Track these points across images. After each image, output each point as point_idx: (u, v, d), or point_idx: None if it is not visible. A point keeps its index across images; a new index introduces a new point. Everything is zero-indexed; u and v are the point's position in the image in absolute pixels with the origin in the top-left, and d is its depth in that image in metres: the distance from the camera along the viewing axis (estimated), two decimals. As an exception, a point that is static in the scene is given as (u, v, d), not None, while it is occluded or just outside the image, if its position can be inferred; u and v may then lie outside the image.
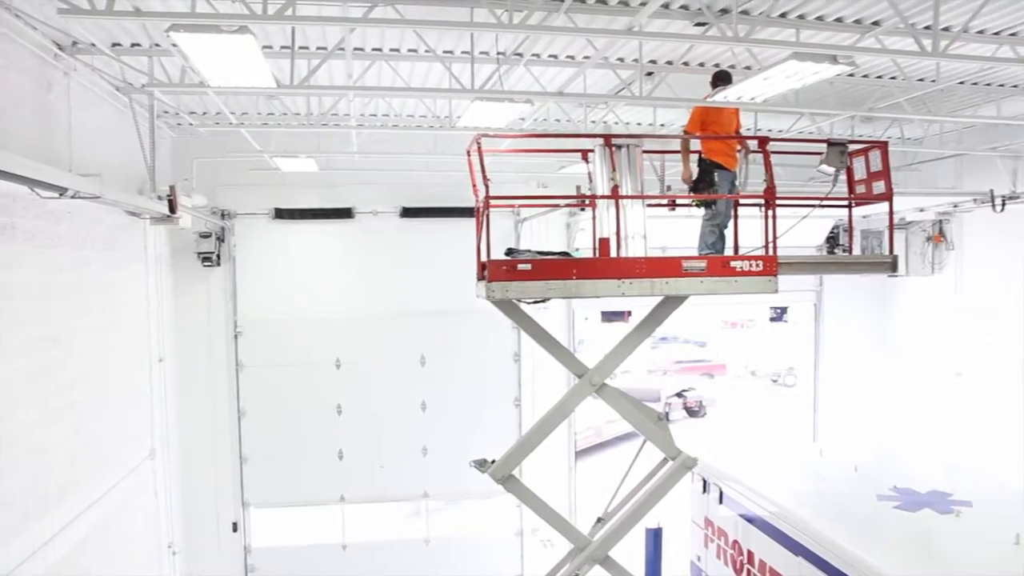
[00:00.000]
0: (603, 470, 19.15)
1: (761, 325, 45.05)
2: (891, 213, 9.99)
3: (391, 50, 10.30)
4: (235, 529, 16.24)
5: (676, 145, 10.87)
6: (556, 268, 8.88)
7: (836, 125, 14.32)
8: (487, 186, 8.86)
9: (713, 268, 9.14)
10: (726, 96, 9.15)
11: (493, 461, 9.80)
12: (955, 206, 15.06)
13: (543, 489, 15.90)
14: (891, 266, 9.94)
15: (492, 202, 8.85)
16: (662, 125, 14.37)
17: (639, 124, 14.67)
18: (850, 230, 12.00)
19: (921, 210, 15.70)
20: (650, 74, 11.22)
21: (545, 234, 15.78)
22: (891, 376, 18.40)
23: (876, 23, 9.05)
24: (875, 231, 16.56)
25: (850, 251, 13.24)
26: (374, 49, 10.25)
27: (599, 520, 10.88)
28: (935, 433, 16.76)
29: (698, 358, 41.64)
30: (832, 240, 17.16)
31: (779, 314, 39.65)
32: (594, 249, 9.29)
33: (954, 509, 9.94)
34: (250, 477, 16.18)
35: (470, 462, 10.10)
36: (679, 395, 32.87)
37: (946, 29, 8.86)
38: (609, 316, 47.27)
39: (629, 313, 47.88)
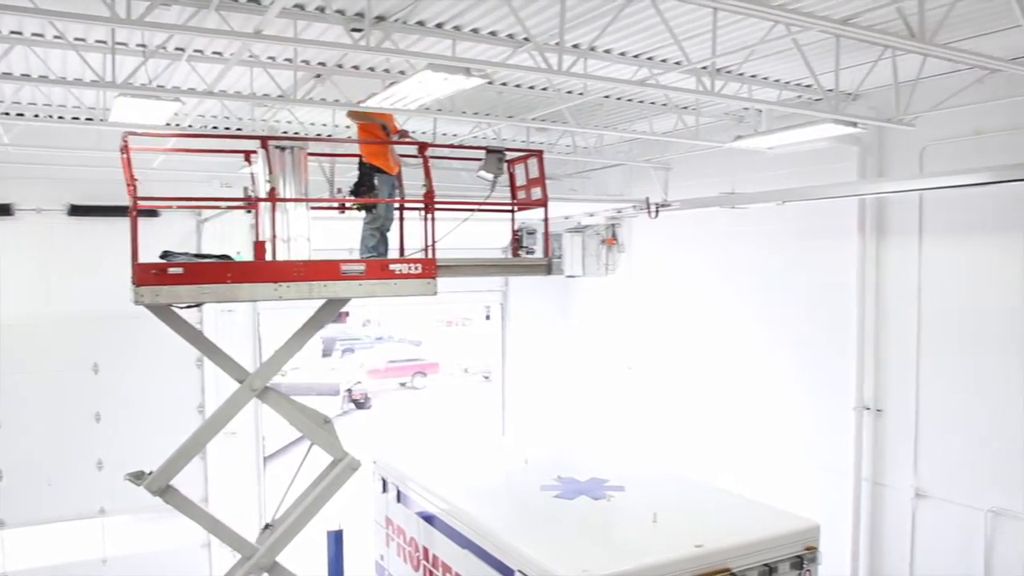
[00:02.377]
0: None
1: (478, 323, 46.52)
2: (546, 218, 10.56)
3: (33, 35, 9.54)
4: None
5: (352, 148, 10.98)
6: (210, 272, 8.64)
7: (516, 132, 14.99)
8: (134, 186, 8.51)
9: (372, 271, 9.26)
10: (381, 101, 9.28)
11: (150, 473, 9.38)
12: (619, 211, 16.27)
13: (231, 497, 15.71)
14: (546, 268, 10.51)
15: (140, 203, 8.52)
16: (339, 127, 14.37)
17: (324, 125, 14.60)
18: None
19: (591, 215, 16.81)
20: (319, 76, 11.17)
21: (229, 235, 15.30)
22: (573, 371, 19.55)
23: (527, 39, 9.48)
24: (555, 234, 17.54)
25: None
26: (13, 32, 9.45)
27: (267, 526, 10.68)
28: (610, 423, 18.01)
29: (412, 357, 42.23)
30: (518, 242, 17.86)
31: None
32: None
33: (607, 494, 10.62)
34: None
35: (125, 475, 9.61)
36: (348, 390, 34.98)
37: (577, 46, 9.55)
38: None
39: (347, 313, 48.05)
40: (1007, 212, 10.91)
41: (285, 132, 14.49)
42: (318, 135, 14.65)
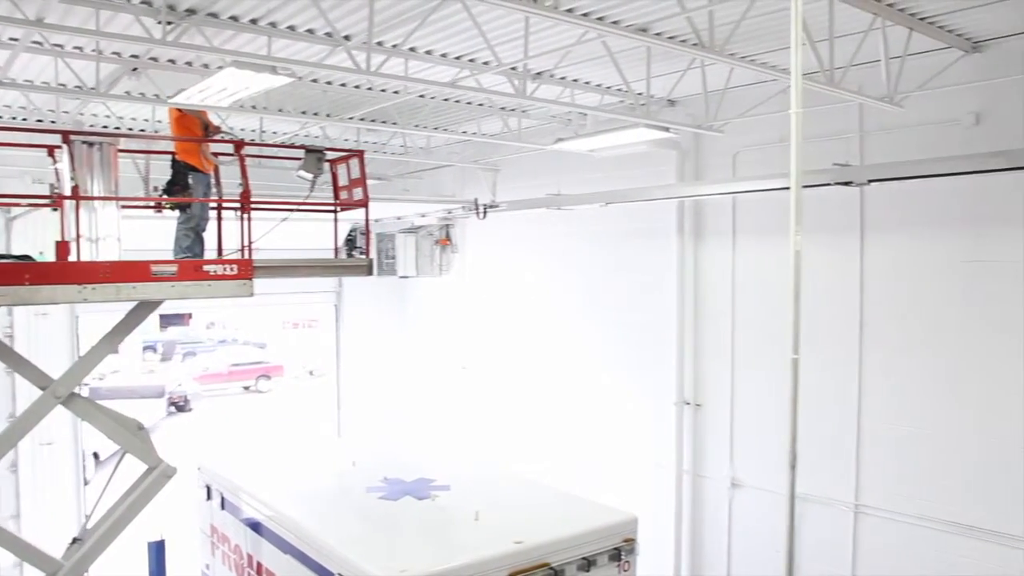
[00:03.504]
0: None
1: (325, 325, 45.75)
2: (367, 219, 10.49)
3: None
4: None
5: (167, 145, 10.62)
6: (5, 273, 8.17)
7: (345, 132, 14.86)
8: None
9: (185, 272, 8.95)
10: (189, 97, 9.01)
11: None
12: (450, 212, 16.37)
13: (48, 512, 14.91)
14: (368, 269, 10.46)
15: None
16: (163, 122, 13.89)
17: (146, 120, 14.07)
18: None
19: (423, 215, 16.85)
20: (135, 69, 10.76)
21: (40, 235, 14.51)
22: (409, 371, 19.55)
23: (347, 37, 9.40)
24: (388, 234, 17.49)
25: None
26: None
27: (75, 540, 10.20)
28: (445, 423, 18.09)
29: (256, 360, 41.28)
30: (350, 243, 17.74)
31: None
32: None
33: (432, 494, 10.67)
34: None
35: None
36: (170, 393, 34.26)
37: (397, 47, 9.57)
38: (169, 319, 45.53)
39: (189, 316, 46.55)
40: (812, 214, 11.52)
41: (104, 127, 13.92)
42: (132, 130, 14.11)
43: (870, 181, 10.13)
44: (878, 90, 9.51)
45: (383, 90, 11.90)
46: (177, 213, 9.88)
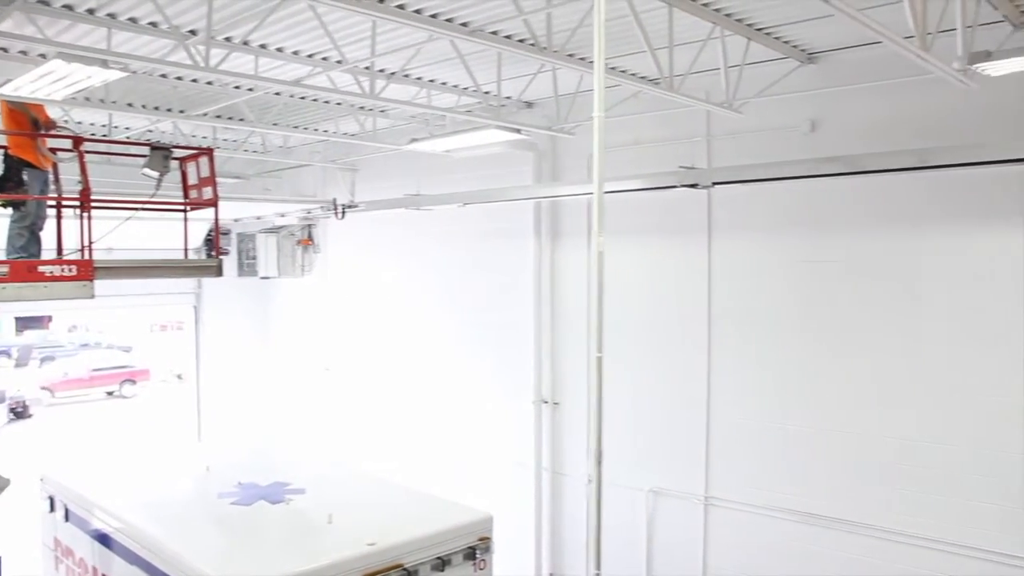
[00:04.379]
0: None
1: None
2: (216, 218, 10.26)
3: None
4: None
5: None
6: None
7: (200, 129, 14.47)
8: None
9: (17, 273, 8.59)
10: (17, 88, 8.61)
11: None
12: (309, 212, 16.17)
13: None
14: (216, 270, 10.23)
15: None
16: None
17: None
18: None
19: (283, 215, 16.59)
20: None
21: None
22: (272, 373, 19.21)
23: (193, 32, 9.13)
24: (248, 234, 17.14)
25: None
26: None
27: None
28: (309, 425, 17.84)
29: (121, 364, 39.82)
30: (210, 243, 17.29)
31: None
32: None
33: (287, 498, 10.48)
34: None
35: None
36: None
37: (247, 43, 9.40)
38: (26, 322, 43.42)
39: (49, 319, 44.47)
40: (661, 216, 11.88)
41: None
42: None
43: (714, 184, 10.50)
44: (721, 97, 9.84)
45: (236, 87, 11.64)
46: (10, 211, 9.44)
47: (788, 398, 10.85)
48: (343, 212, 15.07)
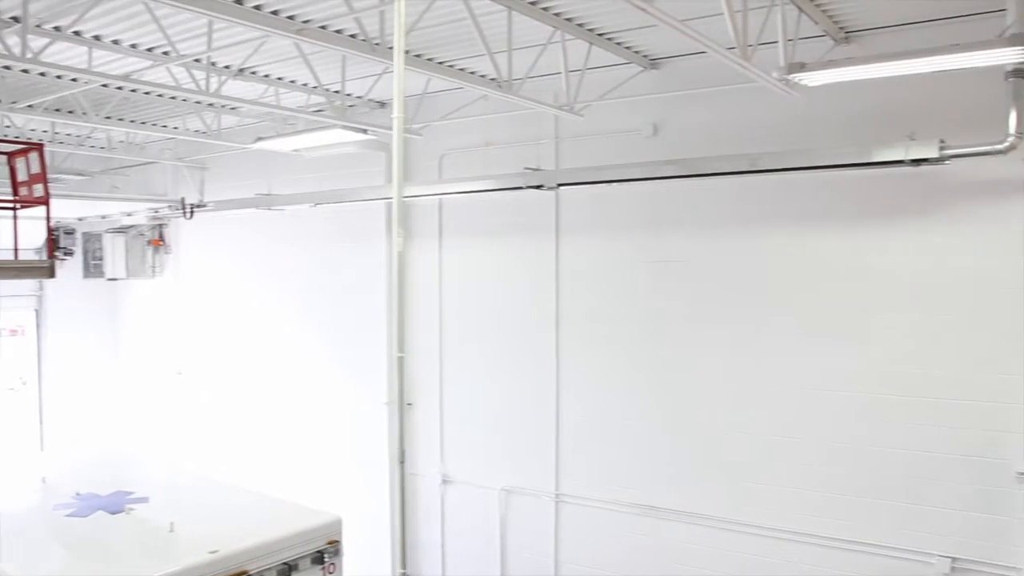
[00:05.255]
0: None
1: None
2: (48, 217, 9.86)
3: None
4: None
5: None
6: None
7: (33, 121, 13.76)
8: None
9: None
10: None
11: None
12: (157, 211, 15.70)
13: None
14: (49, 271, 9.83)
15: None
16: None
17: None
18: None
19: (130, 215, 16.05)
20: None
21: None
22: (123, 378, 18.55)
23: (15, 19, 8.70)
24: (95, 234, 16.51)
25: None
26: None
27: None
28: (161, 430, 17.31)
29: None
30: (54, 243, 16.59)
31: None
32: None
33: (127, 507, 10.15)
34: None
35: None
36: None
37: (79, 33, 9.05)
38: None
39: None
40: (511, 216, 12.03)
41: None
42: None
43: (559, 185, 10.69)
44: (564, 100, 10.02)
45: (74, 79, 11.15)
46: None
47: (635, 395, 11.15)
48: (191, 212, 14.67)
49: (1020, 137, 7.87)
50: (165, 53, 9.98)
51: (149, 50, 9.98)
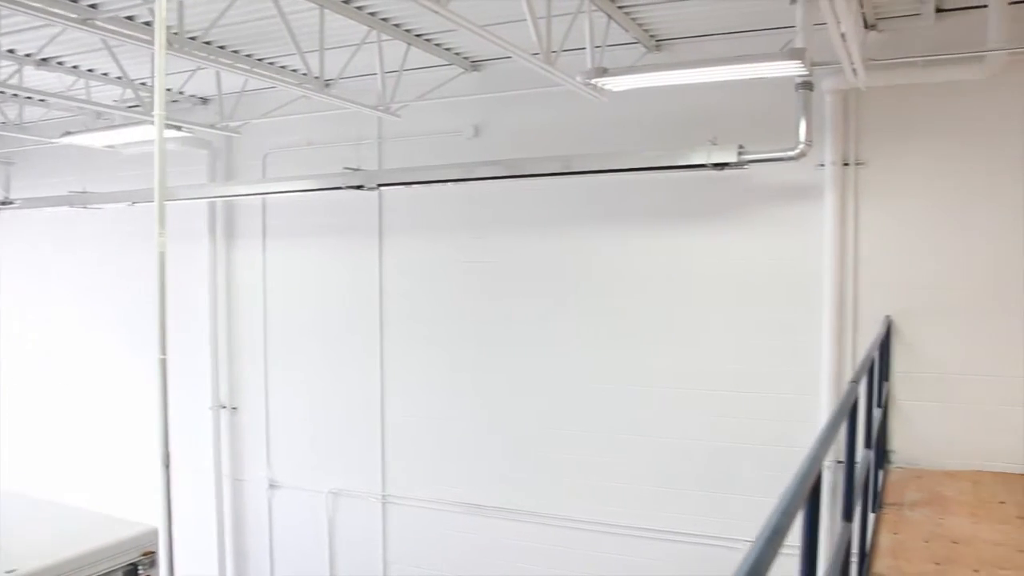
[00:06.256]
0: None
1: None
2: None
3: None
4: None
5: None
6: None
7: None
8: None
9: None
10: None
11: None
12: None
13: None
14: None
15: None
16: None
17: None
18: None
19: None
20: None
21: None
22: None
23: None
24: None
25: None
26: None
27: None
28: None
29: None
30: None
31: None
32: None
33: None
34: None
35: None
36: None
37: None
38: None
39: None
40: (336, 217, 11.92)
41: None
42: None
43: (380, 185, 10.67)
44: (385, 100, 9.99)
45: None
46: None
47: (457, 395, 11.25)
48: (-7, 212, 13.91)
49: (810, 145, 8.37)
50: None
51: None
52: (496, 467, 11.04)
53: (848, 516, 4.47)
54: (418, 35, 9.54)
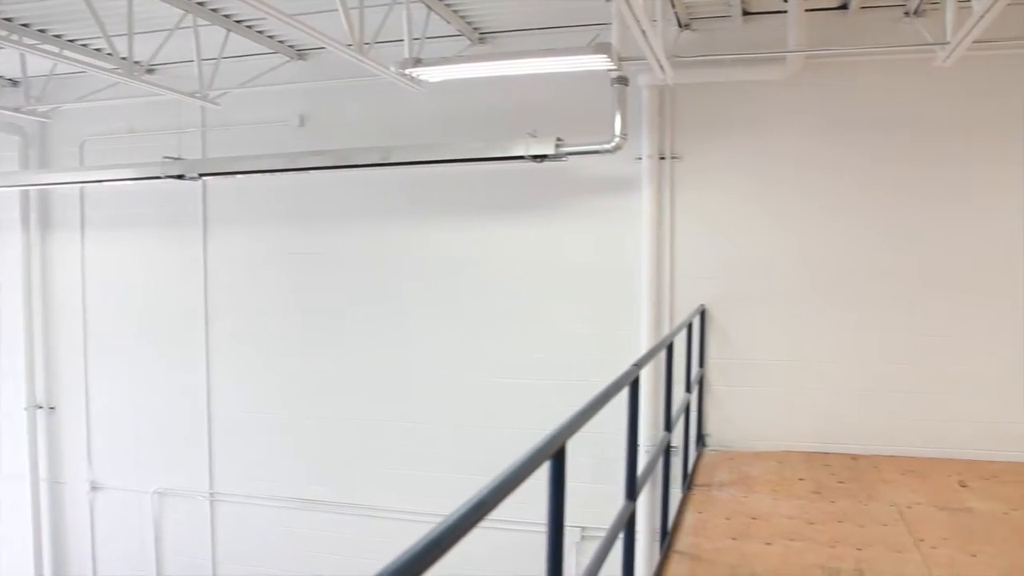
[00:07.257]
0: None
1: None
2: None
3: None
4: None
5: None
6: None
7: None
8: None
9: None
10: None
11: None
12: None
13: None
14: None
15: None
16: None
17: None
18: None
19: None
20: None
21: None
22: None
23: None
24: None
25: None
26: None
27: None
28: None
29: None
30: None
31: None
32: None
33: None
34: None
35: None
36: None
37: None
38: None
39: None
40: (157, 208, 11.52)
41: None
42: None
43: (201, 175, 10.36)
44: (205, 87, 9.71)
45: None
46: None
47: (283, 388, 11.09)
48: None
49: (625, 138, 8.61)
50: None
51: None
52: (326, 460, 10.94)
53: (632, 495, 4.62)
54: (238, 21, 9.32)
